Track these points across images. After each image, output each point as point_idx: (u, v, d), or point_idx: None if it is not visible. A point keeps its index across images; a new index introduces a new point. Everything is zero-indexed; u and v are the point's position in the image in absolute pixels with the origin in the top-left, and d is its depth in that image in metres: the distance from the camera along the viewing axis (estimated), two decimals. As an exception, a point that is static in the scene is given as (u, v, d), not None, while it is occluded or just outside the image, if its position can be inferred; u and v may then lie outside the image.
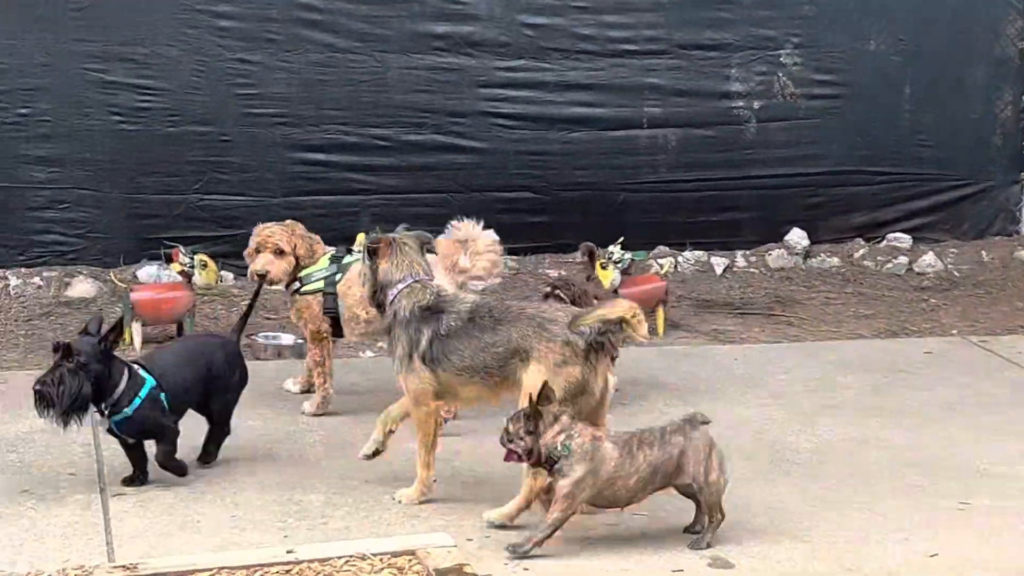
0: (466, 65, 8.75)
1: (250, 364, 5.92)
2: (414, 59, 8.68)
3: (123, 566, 4.02)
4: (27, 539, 4.66)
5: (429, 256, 5.27)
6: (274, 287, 6.33)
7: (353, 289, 5.88)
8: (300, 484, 5.25)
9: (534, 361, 4.69)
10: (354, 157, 8.75)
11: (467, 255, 5.96)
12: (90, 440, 5.67)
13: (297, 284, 6.13)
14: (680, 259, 8.93)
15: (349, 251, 6.22)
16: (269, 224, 6.21)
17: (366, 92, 8.69)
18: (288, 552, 4.11)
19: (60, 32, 8.26)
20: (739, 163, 9.23)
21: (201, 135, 8.54)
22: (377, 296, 5.02)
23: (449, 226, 6.06)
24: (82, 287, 8.11)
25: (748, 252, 9.23)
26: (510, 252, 8.48)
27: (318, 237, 6.23)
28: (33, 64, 8.27)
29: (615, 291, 7.17)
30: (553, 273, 8.65)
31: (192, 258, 7.19)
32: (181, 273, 7.22)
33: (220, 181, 8.58)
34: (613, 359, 5.17)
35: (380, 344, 6.98)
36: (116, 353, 5.08)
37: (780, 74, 9.18)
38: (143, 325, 7.21)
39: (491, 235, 6.08)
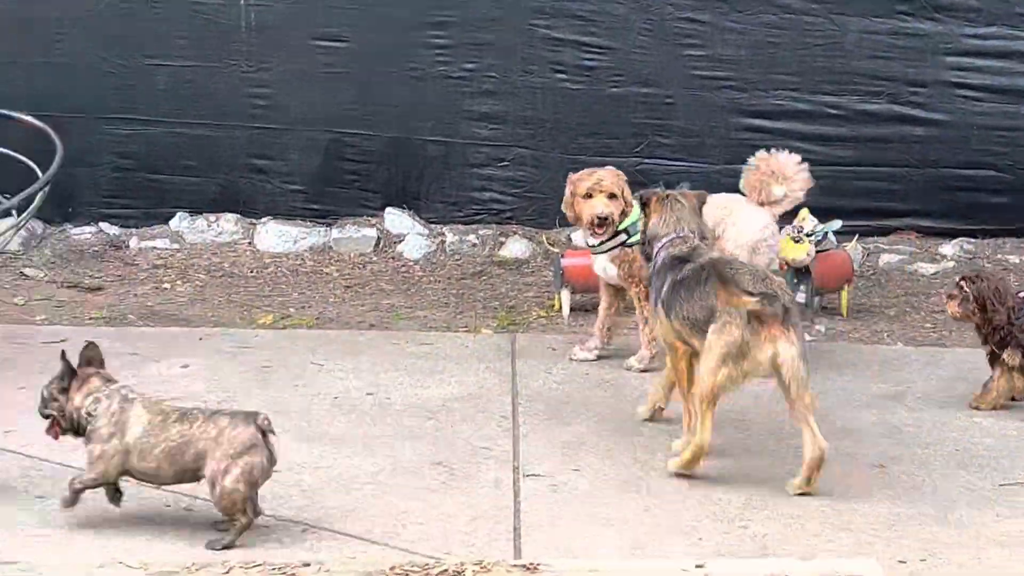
0: (931, 31, 8.45)
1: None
2: (875, 23, 8.43)
3: (524, 565, 3.92)
4: (434, 516, 4.61)
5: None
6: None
7: None
8: (720, 481, 5.02)
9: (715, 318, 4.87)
10: (803, 125, 8.56)
11: (780, 183, 6.30)
12: (509, 414, 5.71)
13: (624, 236, 6.16)
14: None
15: None
16: (593, 169, 6.30)
17: (820, 56, 8.51)
18: (697, 567, 3.90)
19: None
20: None
21: (645, 96, 8.53)
22: (645, 248, 5.36)
23: (749, 161, 6.40)
24: (515, 247, 8.22)
25: None
26: (967, 234, 8.51)
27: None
28: (481, 18, 8.42)
29: None
30: (1013, 259, 8.42)
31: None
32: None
33: (661, 145, 8.54)
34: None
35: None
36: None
37: None
38: (572, 292, 7.12)
39: (795, 158, 6.38)
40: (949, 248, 8.50)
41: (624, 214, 6.18)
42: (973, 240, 8.53)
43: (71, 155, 6.27)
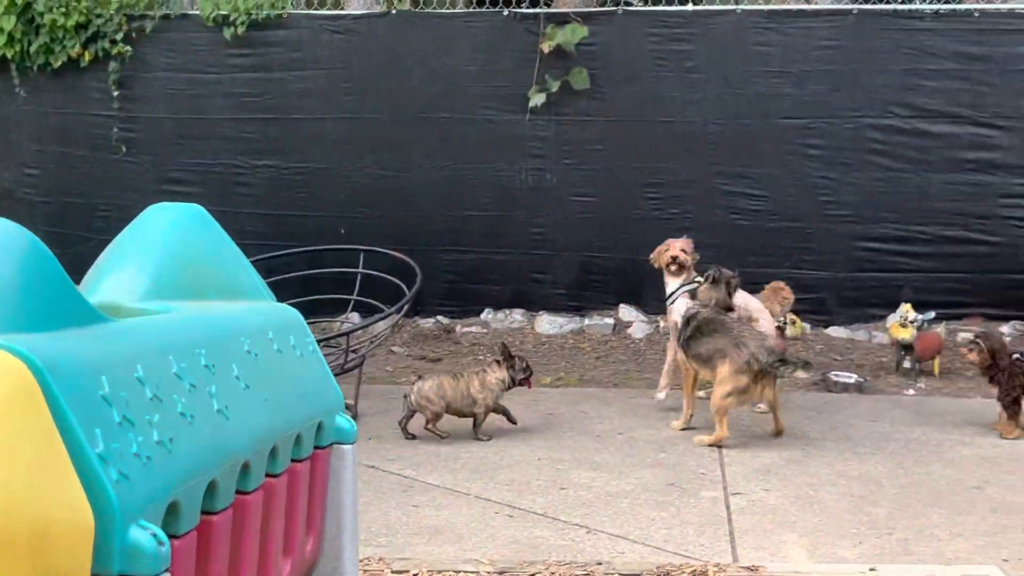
0: (990, 181, 8.69)
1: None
2: (950, 176, 8.72)
3: (748, 567, 3.76)
4: (674, 524, 4.51)
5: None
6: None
7: None
8: (868, 497, 4.93)
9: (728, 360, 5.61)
10: (901, 246, 8.82)
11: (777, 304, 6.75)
12: (716, 454, 5.63)
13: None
14: None
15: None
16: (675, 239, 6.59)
17: (912, 200, 8.77)
18: (871, 570, 3.70)
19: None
20: None
21: (792, 228, 8.87)
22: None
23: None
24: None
25: None
26: (1017, 319, 8.57)
27: None
28: (682, 180, 8.92)
29: None
30: None
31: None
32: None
33: (804, 261, 8.86)
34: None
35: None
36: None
37: None
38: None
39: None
40: (1007, 328, 8.58)
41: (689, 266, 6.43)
42: (1022, 323, 8.69)
43: (421, 273, 6.53)
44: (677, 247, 6.41)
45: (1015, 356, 5.92)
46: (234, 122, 9.41)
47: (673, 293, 6.38)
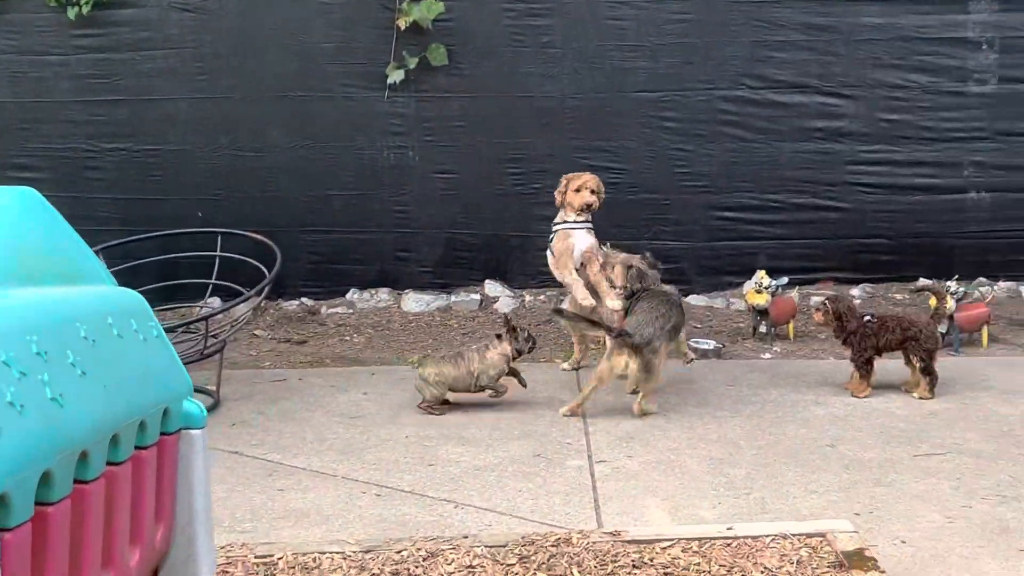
0: (838, 149, 8.97)
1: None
2: (800, 145, 8.93)
3: (611, 532, 3.74)
4: (540, 494, 4.53)
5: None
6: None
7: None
8: (727, 459, 5.00)
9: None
10: (756, 215, 9.02)
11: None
12: (581, 424, 5.66)
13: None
14: (995, 288, 8.79)
15: None
16: (581, 172, 6.65)
17: (765, 169, 8.97)
18: (728, 529, 3.72)
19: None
20: (1042, 218, 8.96)
21: (651, 200, 9.00)
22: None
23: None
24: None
25: (1049, 282, 8.92)
26: (867, 281, 8.81)
27: None
28: (541, 155, 8.90)
29: (950, 317, 7.09)
30: (898, 296, 8.79)
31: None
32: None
33: (663, 231, 9.01)
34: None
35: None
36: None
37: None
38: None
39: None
40: (856, 291, 8.88)
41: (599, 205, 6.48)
42: (872, 285, 8.95)
43: (281, 254, 6.51)
44: (589, 192, 6.50)
45: (866, 318, 6.01)
46: (82, 104, 9.10)
47: (567, 222, 6.50)
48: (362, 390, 6.40)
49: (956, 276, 7.86)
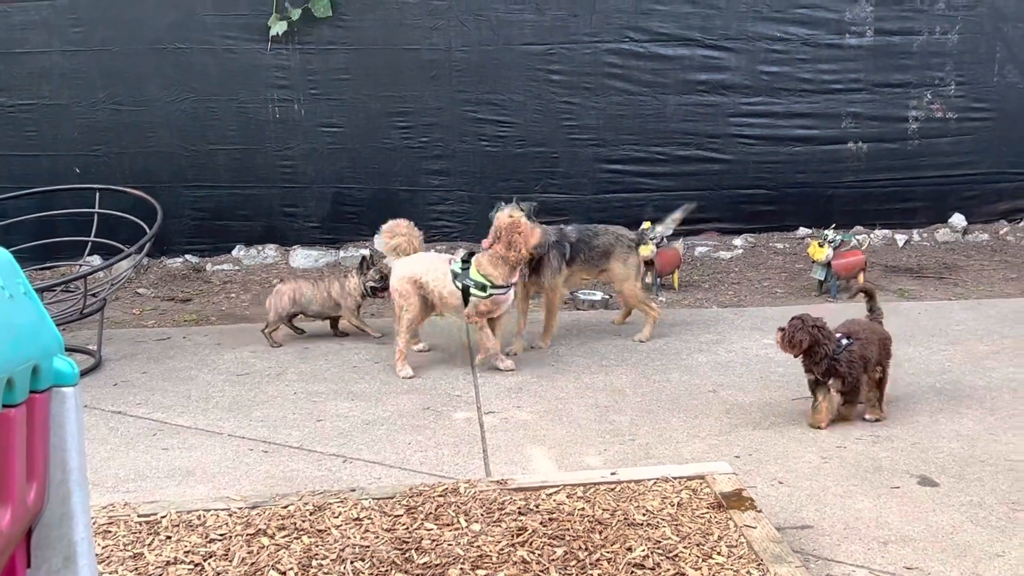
0: (720, 102, 9.03)
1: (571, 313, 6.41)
2: (684, 98, 8.97)
3: (498, 480, 3.71)
4: (429, 446, 4.53)
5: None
6: None
7: None
8: (613, 406, 5.05)
9: None
10: (642, 167, 9.06)
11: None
12: (470, 371, 5.70)
13: None
14: (872, 236, 8.95)
15: None
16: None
17: (651, 122, 9.00)
18: (612, 474, 3.74)
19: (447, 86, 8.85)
20: (915, 167, 9.29)
21: (539, 153, 8.98)
22: None
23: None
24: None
25: (922, 231, 9.27)
26: (749, 232, 8.90)
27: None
28: (430, 108, 8.85)
29: (828, 263, 7.24)
30: (779, 246, 8.87)
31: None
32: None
33: (552, 184, 8.99)
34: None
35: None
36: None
37: (944, 104, 9.27)
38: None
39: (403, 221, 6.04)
40: (739, 241, 8.99)
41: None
42: (753, 235, 9.08)
43: (164, 211, 6.38)
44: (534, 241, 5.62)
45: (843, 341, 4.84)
46: (-51, 58, 8.63)
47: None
48: (249, 348, 6.32)
49: (834, 225, 8.03)
